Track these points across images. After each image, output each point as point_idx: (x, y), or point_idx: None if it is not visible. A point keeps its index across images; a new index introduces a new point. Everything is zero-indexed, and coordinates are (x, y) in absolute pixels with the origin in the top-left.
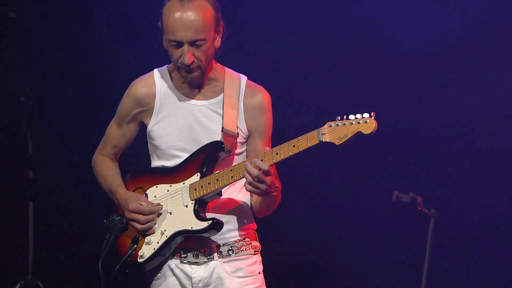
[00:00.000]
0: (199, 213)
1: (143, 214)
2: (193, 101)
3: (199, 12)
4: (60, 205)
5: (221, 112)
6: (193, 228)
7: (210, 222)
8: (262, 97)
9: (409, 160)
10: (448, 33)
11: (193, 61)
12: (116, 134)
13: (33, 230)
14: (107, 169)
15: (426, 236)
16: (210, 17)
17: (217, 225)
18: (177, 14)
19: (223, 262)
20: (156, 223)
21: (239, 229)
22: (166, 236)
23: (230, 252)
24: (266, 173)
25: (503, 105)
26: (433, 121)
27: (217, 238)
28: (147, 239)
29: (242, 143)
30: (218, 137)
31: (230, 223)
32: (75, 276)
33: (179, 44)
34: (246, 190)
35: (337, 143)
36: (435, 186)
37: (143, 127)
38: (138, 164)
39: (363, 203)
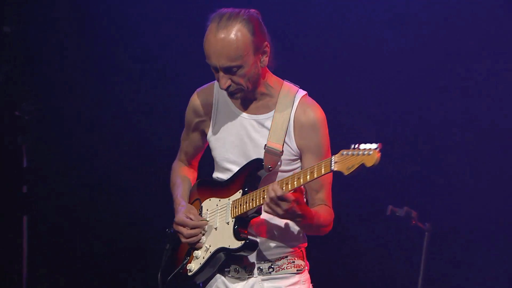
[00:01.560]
0: (237, 232)
1: (188, 227)
2: (245, 115)
3: (233, 38)
4: (55, 220)
5: (269, 127)
6: (230, 247)
7: (243, 242)
8: (313, 114)
9: (404, 174)
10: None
11: (229, 86)
12: (186, 141)
13: (27, 245)
14: (176, 177)
15: (421, 250)
16: (246, 43)
17: (250, 245)
18: (212, 40)
19: (262, 280)
20: (203, 237)
21: (282, 247)
22: (210, 252)
23: (271, 270)
24: (282, 198)
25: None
26: (429, 134)
27: (260, 255)
28: (195, 253)
29: (292, 160)
30: (262, 154)
31: (273, 240)
32: None
33: (216, 69)
34: (264, 210)
35: (345, 173)
36: (429, 200)
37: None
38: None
39: (357, 217)
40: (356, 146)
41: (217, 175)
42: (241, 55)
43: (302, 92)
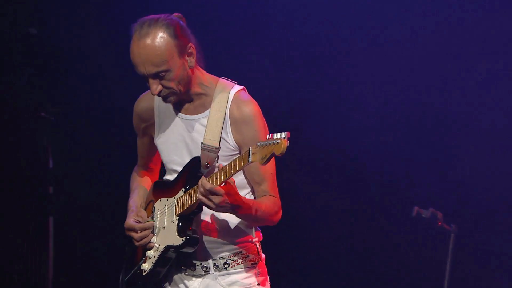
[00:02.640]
0: (180, 229)
1: (136, 231)
2: (185, 116)
3: (155, 44)
4: (81, 220)
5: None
6: (174, 244)
7: (184, 239)
8: (246, 109)
9: (430, 175)
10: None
11: (160, 91)
12: (139, 146)
13: (54, 246)
14: (132, 182)
15: (447, 252)
16: (169, 47)
17: (191, 241)
18: (135, 49)
19: (219, 276)
20: (154, 237)
21: (235, 242)
22: (160, 251)
23: (226, 265)
24: (212, 192)
25: None
26: (455, 136)
27: (213, 251)
28: (148, 253)
29: (231, 156)
30: (199, 152)
31: (225, 236)
32: None
33: (145, 77)
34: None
35: (260, 163)
36: (456, 202)
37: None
38: None
39: (383, 219)
40: (270, 136)
41: (166, 177)
42: (166, 59)
43: (237, 88)
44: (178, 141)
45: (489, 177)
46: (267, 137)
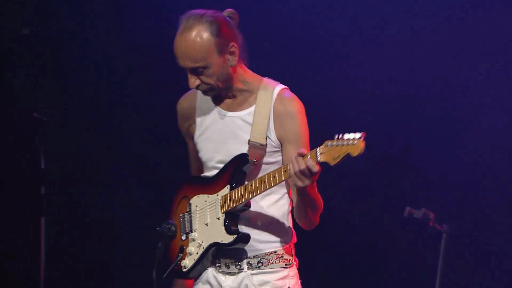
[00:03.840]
0: (228, 227)
1: None
2: (228, 113)
3: (194, 41)
4: (73, 220)
5: (251, 122)
6: (222, 241)
7: (236, 236)
8: (290, 105)
9: (421, 175)
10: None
11: (198, 85)
12: (190, 149)
13: (45, 246)
14: None
15: (438, 252)
16: (208, 45)
17: (243, 238)
18: (177, 42)
19: (252, 274)
20: (195, 234)
21: (271, 241)
22: (203, 248)
23: (260, 264)
24: (313, 172)
25: None
26: (445, 135)
27: (249, 250)
28: (188, 249)
29: (274, 152)
30: (246, 149)
31: (262, 235)
32: None
33: (184, 69)
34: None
35: (331, 164)
36: (447, 202)
37: None
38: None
39: (374, 219)
40: (340, 136)
41: (206, 173)
42: (204, 57)
43: (280, 86)
44: (219, 138)
45: (483, 177)
46: (337, 137)
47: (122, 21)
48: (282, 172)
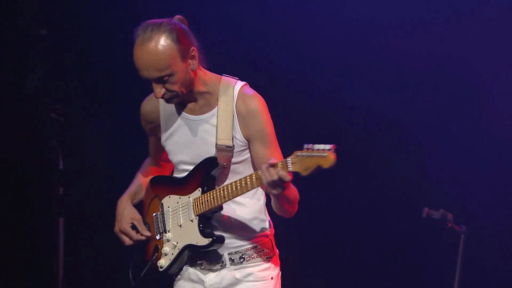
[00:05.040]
0: (203, 229)
1: (130, 239)
2: (192, 117)
3: (158, 49)
4: (91, 221)
5: (216, 125)
6: (198, 244)
7: (211, 239)
8: (251, 103)
9: (440, 176)
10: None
11: (163, 94)
12: (149, 144)
13: (64, 246)
14: (140, 171)
15: (457, 253)
16: (172, 52)
17: (218, 240)
18: (138, 53)
19: (234, 270)
20: (169, 234)
21: (251, 237)
22: (178, 249)
23: (242, 260)
24: (284, 180)
25: None
26: (464, 137)
27: (229, 246)
28: (163, 250)
29: (242, 151)
30: (214, 152)
31: (240, 231)
32: None
33: (148, 81)
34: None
35: (303, 174)
36: (466, 203)
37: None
38: None
39: (392, 220)
40: (310, 146)
41: (176, 175)
42: (169, 64)
43: (240, 83)
44: (186, 141)
45: (502, 177)
46: (307, 147)
47: (140, 21)
48: (254, 179)
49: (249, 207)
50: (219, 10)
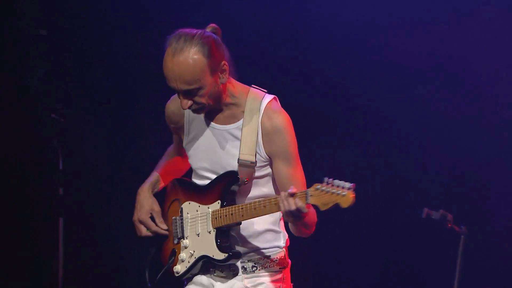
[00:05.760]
0: (220, 244)
1: (148, 229)
2: (216, 125)
3: (188, 64)
4: (91, 221)
5: (240, 137)
6: (214, 257)
7: (227, 254)
8: (277, 120)
9: (440, 176)
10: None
11: (190, 106)
12: (173, 138)
13: (63, 247)
14: (163, 159)
15: (457, 253)
16: (202, 67)
17: (235, 256)
18: (168, 64)
19: (245, 278)
20: (187, 241)
21: (264, 246)
22: (195, 258)
23: (254, 268)
24: (301, 210)
25: None
26: (464, 137)
27: (243, 255)
28: (180, 256)
29: (263, 166)
30: (236, 165)
31: (255, 241)
32: None
33: (177, 91)
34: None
35: (321, 209)
36: (466, 203)
37: None
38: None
39: (392, 220)
40: (330, 181)
41: (195, 180)
42: (198, 79)
43: (268, 98)
44: (208, 149)
45: (502, 178)
46: (326, 181)
47: (140, 22)
48: (273, 204)
49: (264, 219)
50: (218, 10)
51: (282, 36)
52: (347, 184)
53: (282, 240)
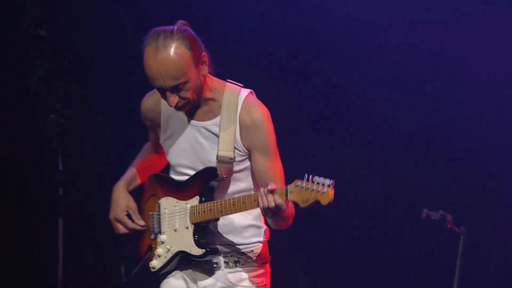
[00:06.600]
0: (198, 240)
1: (124, 227)
2: (193, 121)
3: (173, 59)
4: (90, 222)
5: (218, 133)
6: (191, 252)
7: (205, 250)
8: (256, 114)
9: (439, 177)
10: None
11: (177, 102)
12: (150, 135)
13: (63, 247)
14: (139, 156)
15: (456, 254)
16: (187, 60)
17: (211, 252)
18: (152, 63)
19: (229, 273)
20: (164, 236)
21: (246, 241)
22: (172, 253)
23: (237, 263)
24: (280, 207)
25: None
26: (464, 137)
27: (224, 250)
28: (157, 251)
29: (242, 160)
30: (214, 161)
31: (236, 237)
32: None
33: (162, 90)
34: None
35: (301, 205)
36: (465, 203)
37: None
38: None
39: (392, 221)
40: (310, 178)
41: (173, 176)
42: (185, 72)
43: (245, 92)
44: (187, 145)
45: (502, 178)
46: (306, 178)
47: (140, 22)
48: (252, 201)
49: (246, 214)
50: (218, 10)
51: (282, 36)
52: (327, 181)
53: (263, 233)
